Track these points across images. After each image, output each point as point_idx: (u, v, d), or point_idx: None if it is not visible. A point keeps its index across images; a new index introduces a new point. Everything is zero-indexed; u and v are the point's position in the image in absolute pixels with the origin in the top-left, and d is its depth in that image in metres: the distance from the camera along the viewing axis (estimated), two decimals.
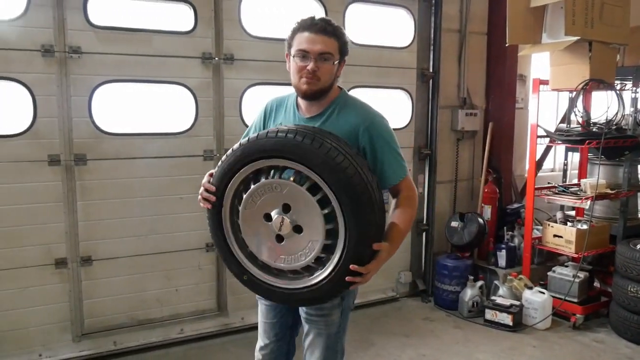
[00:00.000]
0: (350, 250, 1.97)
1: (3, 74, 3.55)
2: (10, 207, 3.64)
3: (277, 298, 2.18)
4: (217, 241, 2.17)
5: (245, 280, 2.16)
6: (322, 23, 2.06)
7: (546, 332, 4.54)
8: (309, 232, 2.00)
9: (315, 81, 2.06)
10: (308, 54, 2.04)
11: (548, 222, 4.94)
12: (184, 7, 4.05)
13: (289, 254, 2.04)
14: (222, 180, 2.08)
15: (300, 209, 1.99)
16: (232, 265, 2.17)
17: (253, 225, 2.07)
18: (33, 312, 3.78)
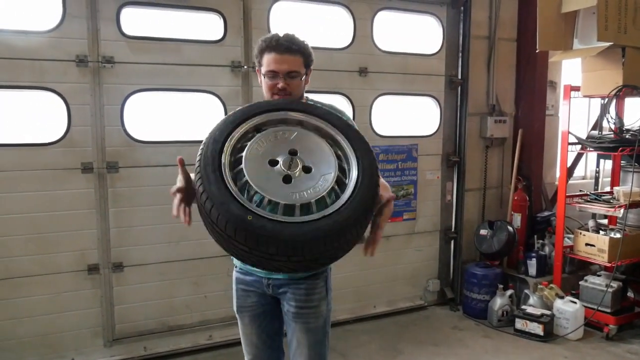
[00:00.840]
0: (365, 179, 1.97)
1: (39, 84, 3.64)
2: (45, 214, 3.72)
3: (286, 235, 1.82)
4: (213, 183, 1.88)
5: (250, 222, 1.81)
6: (286, 42, 2.17)
7: (578, 342, 4.45)
8: (318, 170, 1.98)
9: (286, 96, 2.20)
10: (277, 74, 2.17)
11: (580, 231, 4.85)
12: (213, 16, 4.10)
13: (300, 190, 1.93)
14: (224, 131, 2.01)
15: (307, 152, 2.02)
16: (233, 208, 1.82)
17: (258, 170, 1.95)
18: (66, 317, 3.86)
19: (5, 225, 3.63)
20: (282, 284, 2.30)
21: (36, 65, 3.60)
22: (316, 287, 2.32)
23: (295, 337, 2.33)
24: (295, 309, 2.29)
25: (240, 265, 2.39)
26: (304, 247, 1.83)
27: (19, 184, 3.64)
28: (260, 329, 2.43)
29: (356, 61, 4.62)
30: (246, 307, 2.40)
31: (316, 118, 2.10)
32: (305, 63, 2.24)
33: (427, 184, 5.12)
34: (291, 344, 2.36)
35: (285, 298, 2.32)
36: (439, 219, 5.25)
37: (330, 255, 1.95)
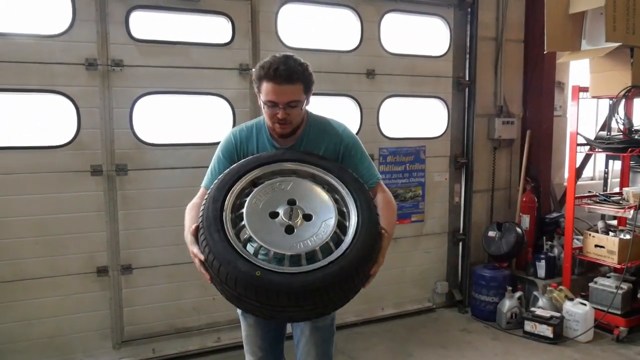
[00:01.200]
0: (365, 220, 2.02)
1: (49, 87, 3.67)
2: (54, 217, 3.74)
3: (296, 285, 1.86)
4: (218, 243, 1.91)
5: (259, 277, 1.84)
6: (285, 72, 2.08)
7: (588, 344, 4.43)
8: (319, 216, 2.03)
9: (288, 125, 2.18)
10: (277, 103, 2.12)
11: (589, 232, 4.82)
12: (222, 19, 4.12)
13: (303, 239, 1.98)
14: (222, 190, 2.06)
15: (305, 200, 2.06)
16: (239, 264, 1.86)
17: (260, 224, 1.99)
18: (75, 319, 3.87)
19: (15, 228, 3.65)
20: None
21: (46, 68, 3.62)
22: None
23: (304, 336, 2.35)
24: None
25: None
26: (314, 295, 1.87)
27: (28, 187, 3.66)
28: (264, 332, 2.44)
29: (363, 63, 4.62)
30: None
31: (309, 165, 2.15)
32: (306, 90, 2.19)
33: (435, 186, 5.11)
34: (299, 343, 2.38)
35: None
36: (447, 220, 5.23)
37: (342, 298, 1.99)
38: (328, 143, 2.29)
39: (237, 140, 2.34)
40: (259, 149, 2.31)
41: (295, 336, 2.41)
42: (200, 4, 3.99)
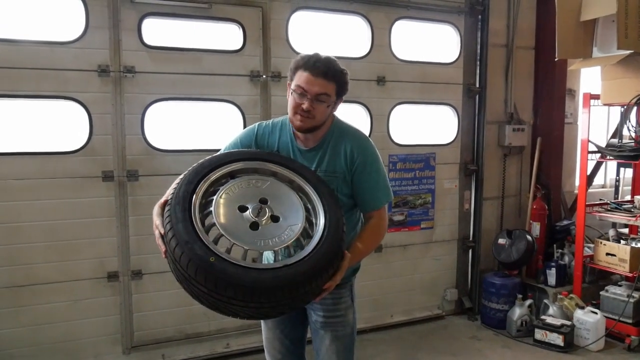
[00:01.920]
0: (330, 235, 1.99)
1: (62, 93, 3.70)
2: (66, 222, 3.77)
3: (247, 280, 1.81)
4: (180, 222, 1.89)
5: (211, 263, 1.81)
6: (324, 67, 2.12)
7: (599, 353, 4.39)
8: (286, 220, 2.02)
9: (309, 119, 2.15)
10: (306, 93, 2.11)
11: (600, 240, 4.79)
12: (233, 26, 4.14)
13: (265, 237, 1.97)
14: (198, 174, 2.06)
15: (277, 202, 2.06)
16: (195, 247, 1.83)
17: (226, 214, 1.99)
18: (85, 324, 3.89)
19: (27, 233, 3.68)
20: None
21: (59, 75, 3.66)
22: (342, 296, 2.35)
23: (324, 345, 2.35)
24: (323, 318, 2.31)
25: None
26: (262, 293, 1.83)
27: (40, 192, 3.69)
28: (283, 335, 2.46)
29: (374, 70, 4.63)
30: None
31: (290, 171, 2.15)
32: (338, 92, 2.18)
33: (445, 193, 5.10)
34: (319, 352, 2.38)
35: (312, 308, 2.34)
36: (456, 227, 5.22)
37: (289, 304, 1.94)
38: (347, 152, 2.25)
39: (259, 131, 2.36)
40: (279, 145, 2.32)
41: (315, 344, 2.40)
42: (211, 11, 4.02)
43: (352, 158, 2.24)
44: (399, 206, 4.87)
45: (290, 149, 2.30)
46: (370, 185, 2.26)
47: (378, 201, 2.29)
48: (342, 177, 2.25)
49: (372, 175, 2.26)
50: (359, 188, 2.26)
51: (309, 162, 2.26)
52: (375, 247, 2.34)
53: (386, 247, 4.84)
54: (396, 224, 4.87)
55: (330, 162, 2.25)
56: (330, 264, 1.97)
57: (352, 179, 2.26)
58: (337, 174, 2.25)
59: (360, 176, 2.25)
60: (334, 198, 2.13)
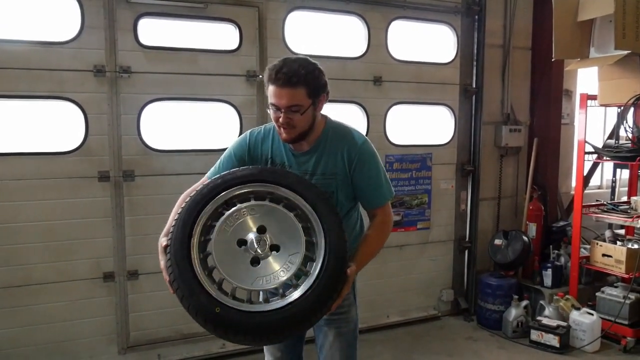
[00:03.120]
0: (331, 260, 1.97)
1: (57, 93, 3.70)
2: (62, 222, 3.77)
3: (253, 325, 1.88)
4: (183, 273, 1.91)
5: (218, 314, 1.87)
6: (285, 76, 2.03)
7: (595, 355, 4.40)
8: (286, 249, 1.99)
9: (292, 130, 2.12)
10: (278, 107, 2.08)
11: (596, 241, 4.80)
12: (229, 26, 4.14)
13: (267, 274, 1.96)
14: (192, 211, 2.01)
15: (276, 228, 2.01)
16: (201, 298, 1.87)
17: (226, 252, 1.97)
18: (81, 324, 3.89)
19: (22, 233, 3.67)
20: None
21: (55, 75, 3.65)
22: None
23: (328, 342, 2.36)
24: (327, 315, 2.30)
25: None
26: (270, 335, 1.92)
27: (36, 192, 3.68)
28: None
29: (370, 70, 4.63)
30: None
31: (285, 189, 2.07)
32: (311, 94, 2.11)
33: (442, 193, 5.10)
34: (322, 349, 2.39)
35: None
36: (453, 228, 5.22)
37: (299, 332, 2.07)
38: (344, 152, 2.23)
39: (251, 140, 2.32)
40: (273, 151, 2.29)
41: (318, 340, 2.41)
42: (207, 10, 4.01)
43: (349, 158, 2.22)
44: (396, 206, 4.86)
45: (285, 154, 2.28)
46: (371, 183, 2.25)
47: (382, 198, 2.28)
48: (341, 178, 2.24)
49: (372, 172, 2.25)
50: (360, 187, 2.26)
51: (305, 165, 2.25)
52: (382, 245, 2.30)
53: (382, 247, 4.82)
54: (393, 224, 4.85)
55: (329, 164, 2.23)
56: (334, 290, 1.97)
57: (352, 179, 2.24)
58: (336, 176, 2.23)
59: (360, 175, 2.23)
60: (333, 215, 2.06)
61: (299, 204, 2.05)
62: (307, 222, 2.04)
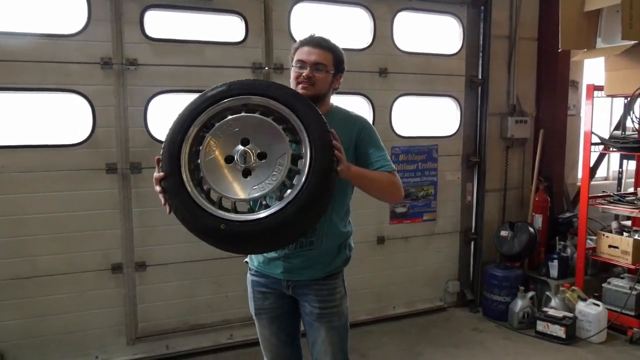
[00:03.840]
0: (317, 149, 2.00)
1: (65, 86, 3.71)
2: (70, 214, 3.79)
3: (258, 231, 1.95)
4: (183, 202, 2.00)
5: (224, 230, 1.95)
6: (319, 39, 2.32)
7: (601, 345, 4.40)
8: (273, 153, 2.01)
9: (310, 86, 2.24)
10: (305, 63, 2.25)
11: (603, 232, 4.79)
12: (235, 18, 4.14)
13: (260, 182, 2.00)
14: (178, 134, 2.07)
15: (258, 136, 2.04)
16: (205, 220, 1.96)
17: (218, 172, 2.03)
18: (90, 315, 3.92)
19: (31, 225, 3.70)
20: (302, 285, 2.33)
21: (62, 67, 3.66)
22: (336, 286, 2.38)
23: (320, 336, 2.36)
24: (319, 309, 2.32)
25: (255, 268, 2.43)
26: (278, 237, 2.01)
27: (45, 185, 3.70)
28: (279, 330, 2.46)
29: (376, 62, 4.62)
30: (264, 309, 2.44)
31: (257, 97, 2.09)
32: (335, 63, 2.31)
33: (447, 185, 5.10)
34: (314, 344, 2.39)
35: (307, 299, 2.35)
36: (459, 219, 5.23)
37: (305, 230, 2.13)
38: (354, 123, 2.34)
39: None
40: None
41: (310, 336, 2.41)
42: (213, 3, 4.01)
43: (359, 128, 2.34)
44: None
45: None
46: (378, 150, 2.33)
47: (388, 164, 2.31)
48: (346, 147, 2.23)
49: (378, 144, 2.35)
50: (367, 152, 2.31)
51: None
52: (385, 188, 2.28)
53: (388, 238, 4.86)
54: (398, 215, 4.87)
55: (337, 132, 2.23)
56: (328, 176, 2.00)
57: (357, 146, 2.31)
58: (343, 145, 2.22)
59: (369, 142, 2.33)
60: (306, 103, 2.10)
61: (275, 107, 2.07)
62: (287, 123, 2.07)
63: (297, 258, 2.28)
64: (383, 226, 4.82)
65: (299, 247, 2.27)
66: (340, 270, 2.41)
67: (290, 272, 2.31)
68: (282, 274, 2.33)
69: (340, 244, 2.37)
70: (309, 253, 2.28)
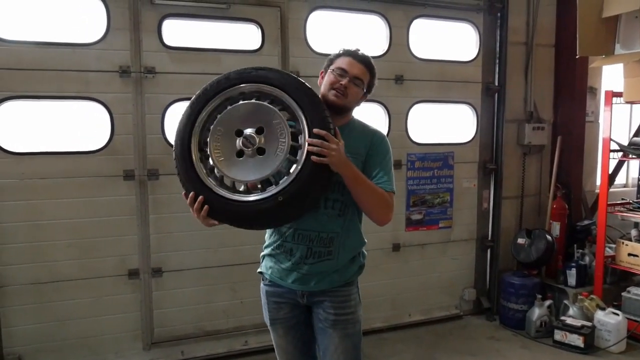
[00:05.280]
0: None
1: (84, 94, 3.77)
2: (88, 220, 3.84)
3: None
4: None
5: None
6: (365, 56, 2.33)
7: (620, 355, 4.34)
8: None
9: (342, 97, 2.25)
10: (346, 73, 2.26)
11: (622, 240, 4.73)
12: (251, 26, 4.17)
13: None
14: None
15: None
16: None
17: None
18: (107, 320, 3.96)
19: (50, 231, 3.75)
20: (317, 293, 2.32)
21: (82, 76, 3.73)
22: (351, 293, 2.37)
23: (333, 343, 2.34)
24: (334, 316, 2.31)
25: (269, 278, 2.41)
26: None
27: (63, 191, 3.76)
28: (295, 339, 2.45)
29: (392, 69, 4.62)
30: (279, 319, 2.43)
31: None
32: (369, 84, 2.34)
33: (464, 192, 5.08)
34: (327, 351, 2.37)
35: (322, 307, 2.34)
36: (475, 227, 5.19)
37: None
38: (369, 136, 2.34)
39: None
40: None
41: (322, 343, 2.39)
42: (230, 11, 4.05)
43: (372, 141, 2.34)
44: (417, 205, 4.86)
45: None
46: (383, 166, 2.31)
47: (389, 182, 2.29)
48: (361, 160, 2.29)
49: (386, 159, 2.33)
50: (371, 165, 2.30)
51: None
52: (374, 205, 2.25)
53: (404, 246, 4.84)
54: (414, 222, 4.86)
55: (352, 142, 2.26)
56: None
57: (367, 158, 2.31)
58: (359, 156, 2.28)
59: (376, 157, 2.32)
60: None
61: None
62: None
63: (313, 268, 2.28)
64: (399, 233, 4.81)
65: (317, 257, 2.26)
66: (355, 278, 2.41)
67: (306, 284, 2.30)
68: (297, 284, 2.31)
69: (355, 254, 2.38)
70: (326, 264, 2.28)
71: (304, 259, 2.26)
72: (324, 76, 2.32)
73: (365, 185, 2.20)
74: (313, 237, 2.25)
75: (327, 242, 2.26)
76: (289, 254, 2.29)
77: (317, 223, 2.24)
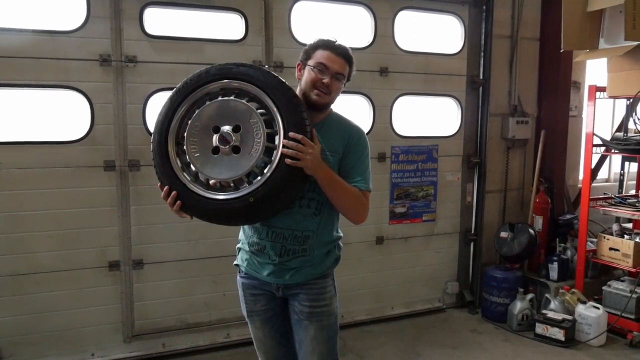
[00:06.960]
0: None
1: (63, 83, 3.70)
2: (67, 211, 3.78)
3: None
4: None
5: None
6: (344, 49, 2.28)
7: (600, 349, 4.38)
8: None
9: (326, 95, 2.23)
10: (327, 70, 2.22)
11: (603, 235, 4.76)
12: (235, 16, 4.12)
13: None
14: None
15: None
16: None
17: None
18: (87, 312, 3.91)
19: (28, 222, 3.69)
20: (293, 286, 2.32)
21: (61, 64, 3.65)
22: (327, 285, 2.37)
23: (309, 336, 2.34)
24: (309, 308, 2.31)
25: (245, 270, 2.40)
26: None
27: (43, 181, 3.70)
28: (273, 331, 2.45)
29: (377, 61, 4.60)
30: (256, 311, 2.42)
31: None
32: (349, 74, 2.31)
33: (447, 185, 5.08)
34: (302, 343, 2.37)
35: (297, 299, 2.34)
36: (458, 220, 5.20)
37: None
38: (346, 133, 2.31)
39: None
40: None
41: (298, 335, 2.39)
42: (213, 0, 4.00)
43: (350, 138, 2.30)
44: (401, 198, 4.85)
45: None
46: (358, 164, 2.29)
47: (364, 182, 2.28)
48: (338, 158, 2.26)
49: (363, 157, 2.31)
50: (348, 164, 2.28)
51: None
52: (348, 205, 2.25)
53: (387, 239, 4.84)
54: (398, 216, 4.86)
55: (331, 140, 2.26)
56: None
57: (343, 156, 2.28)
58: (336, 154, 2.26)
59: (353, 155, 2.29)
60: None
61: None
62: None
63: (287, 264, 2.27)
64: (382, 226, 4.81)
65: (292, 255, 2.25)
66: (331, 270, 2.40)
67: (281, 277, 2.29)
68: (272, 277, 2.30)
69: (331, 247, 2.37)
70: (301, 260, 2.27)
71: (278, 256, 2.25)
72: (302, 70, 2.28)
73: (339, 188, 2.19)
74: (287, 235, 2.23)
75: (302, 240, 2.25)
76: (262, 251, 2.27)
77: (292, 221, 2.22)
